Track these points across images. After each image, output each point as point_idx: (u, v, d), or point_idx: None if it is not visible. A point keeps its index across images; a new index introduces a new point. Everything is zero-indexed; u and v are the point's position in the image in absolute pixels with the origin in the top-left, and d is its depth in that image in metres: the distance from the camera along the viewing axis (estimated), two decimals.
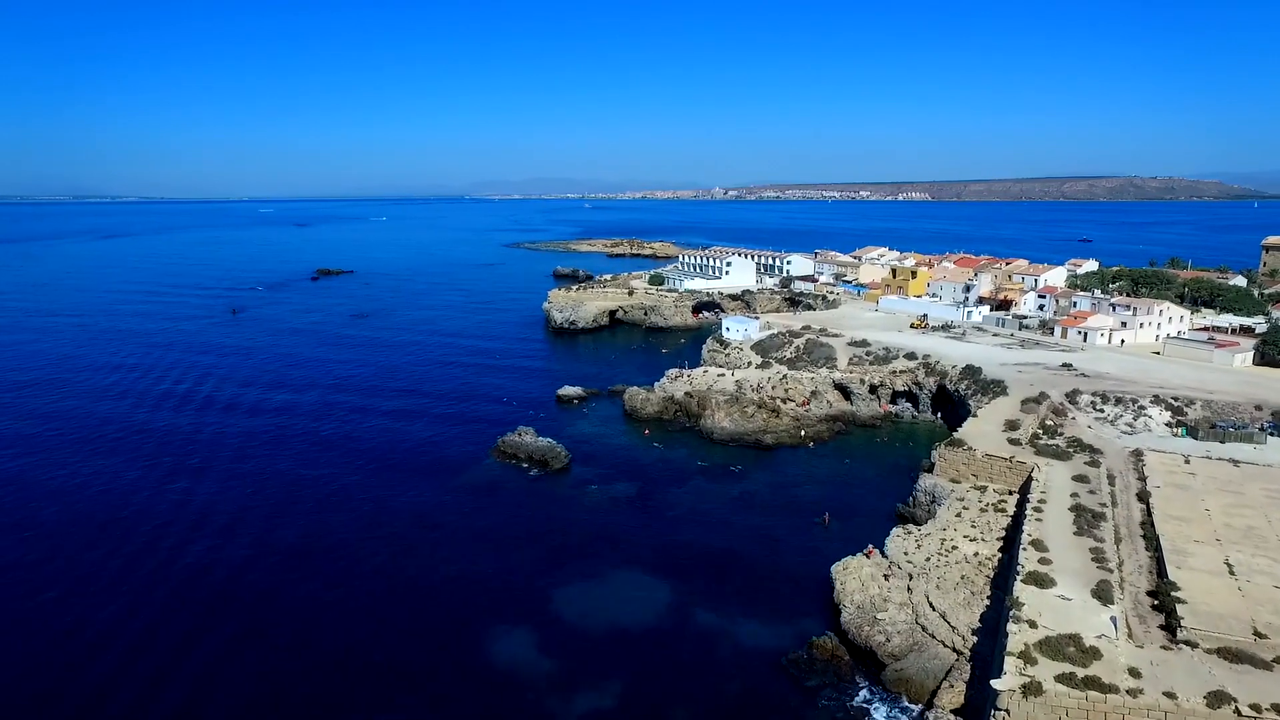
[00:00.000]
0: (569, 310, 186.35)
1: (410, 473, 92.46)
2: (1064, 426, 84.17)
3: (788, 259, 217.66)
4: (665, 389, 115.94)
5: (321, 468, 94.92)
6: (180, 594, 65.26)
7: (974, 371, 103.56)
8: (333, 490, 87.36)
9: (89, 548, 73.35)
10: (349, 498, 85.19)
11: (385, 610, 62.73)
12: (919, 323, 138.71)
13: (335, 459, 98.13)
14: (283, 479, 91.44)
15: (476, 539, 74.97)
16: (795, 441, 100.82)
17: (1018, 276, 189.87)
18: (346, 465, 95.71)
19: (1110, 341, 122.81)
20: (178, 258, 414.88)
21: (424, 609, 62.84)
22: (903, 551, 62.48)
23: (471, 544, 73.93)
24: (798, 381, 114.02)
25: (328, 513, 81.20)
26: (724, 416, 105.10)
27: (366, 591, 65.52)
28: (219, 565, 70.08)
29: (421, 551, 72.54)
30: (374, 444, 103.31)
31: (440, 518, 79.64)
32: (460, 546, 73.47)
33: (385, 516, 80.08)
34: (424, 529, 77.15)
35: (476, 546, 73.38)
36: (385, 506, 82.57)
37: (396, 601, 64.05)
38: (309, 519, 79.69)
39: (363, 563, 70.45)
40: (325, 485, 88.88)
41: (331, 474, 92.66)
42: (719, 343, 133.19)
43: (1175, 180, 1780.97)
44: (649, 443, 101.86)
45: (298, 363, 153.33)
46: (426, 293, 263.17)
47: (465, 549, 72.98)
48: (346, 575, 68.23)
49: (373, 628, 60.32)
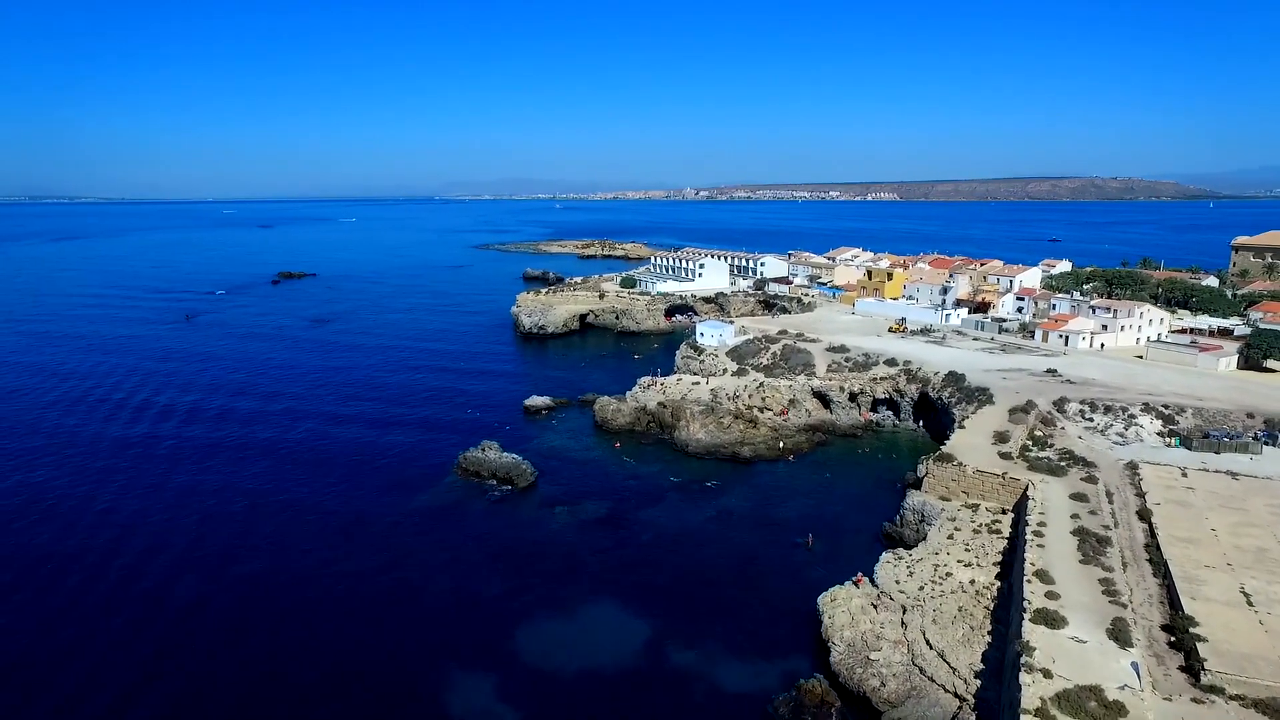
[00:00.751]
0: (538, 314, 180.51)
1: (364, 492, 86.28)
2: (1054, 437, 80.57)
3: (761, 260, 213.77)
4: (637, 398, 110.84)
5: (266, 484, 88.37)
6: (109, 610, 58.75)
7: (957, 379, 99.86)
8: (276, 510, 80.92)
9: (18, 570, 66.42)
10: (294, 519, 78.85)
11: (327, 648, 56.81)
12: (897, 326, 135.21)
13: (281, 475, 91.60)
14: (221, 495, 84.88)
15: (433, 568, 69.20)
16: (774, 454, 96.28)
17: (993, 278, 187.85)
18: (293, 482, 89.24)
19: (1091, 345, 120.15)
20: (133, 260, 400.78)
21: (370, 648, 57.02)
22: (894, 579, 57.99)
23: (427, 573, 68.14)
24: (775, 390, 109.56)
25: (269, 535, 74.84)
26: (699, 428, 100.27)
27: (306, 627, 59.51)
28: (141, 587, 63.57)
29: (371, 582, 66.62)
30: (326, 460, 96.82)
31: (395, 543, 73.72)
32: (415, 576, 67.66)
33: (333, 543, 73.95)
34: (376, 556, 71.17)
35: (433, 577, 67.61)
36: (333, 531, 76.42)
37: (340, 639, 58.16)
38: (247, 540, 73.31)
39: (305, 595, 64.36)
40: (269, 504, 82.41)
41: (276, 492, 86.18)
42: (693, 349, 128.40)
43: (1134, 181, 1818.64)
44: (620, 456, 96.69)
45: (250, 371, 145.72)
46: (391, 296, 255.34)
47: (420, 579, 67.19)
48: (286, 609, 62.13)
49: (313, 667, 54.42)
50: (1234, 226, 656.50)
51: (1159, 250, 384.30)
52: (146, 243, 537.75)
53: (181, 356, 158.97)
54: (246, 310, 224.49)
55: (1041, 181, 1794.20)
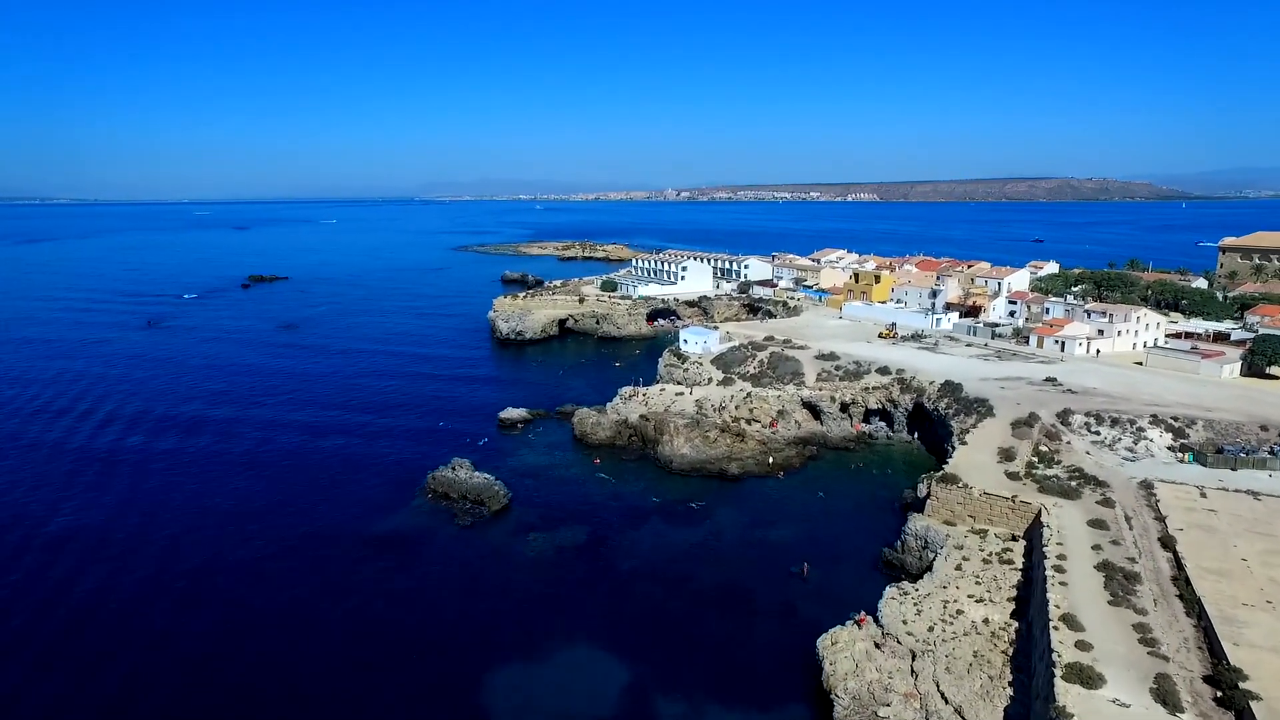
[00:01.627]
0: (515, 320, 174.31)
1: (324, 517, 79.90)
2: (1060, 453, 75.88)
3: (745, 263, 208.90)
4: (618, 410, 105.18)
5: (219, 506, 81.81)
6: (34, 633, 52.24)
7: (954, 389, 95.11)
8: (227, 537, 74.45)
9: None
10: (246, 549, 72.41)
11: (274, 692, 50.67)
12: (888, 332, 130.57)
13: (236, 497, 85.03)
14: (168, 517, 78.30)
15: (395, 604, 63.15)
16: (763, 470, 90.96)
17: (980, 280, 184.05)
18: (248, 506, 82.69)
19: (1088, 351, 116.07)
20: (100, 263, 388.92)
21: (319, 702, 50.94)
22: (900, 618, 52.76)
23: (388, 610, 62.09)
24: (763, 400, 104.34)
25: (216, 568, 68.41)
26: (684, 442, 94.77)
27: (254, 670, 53.31)
28: (64, 619, 57.04)
29: (327, 620, 60.48)
30: (285, 480, 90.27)
31: (354, 575, 67.54)
32: (375, 614, 61.58)
33: (286, 578, 67.64)
34: (333, 590, 65.00)
35: (394, 614, 61.55)
36: (289, 561, 70.09)
37: (290, 684, 52.03)
38: (191, 573, 66.82)
39: (251, 638, 58.10)
40: (219, 530, 75.91)
41: (230, 516, 79.65)
42: (676, 356, 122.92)
43: (1109, 182, 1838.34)
44: (600, 474, 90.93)
45: (210, 380, 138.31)
46: (365, 300, 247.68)
47: (380, 617, 61.12)
48: (231, 652, 55.87)
49: (260, 714, 48.38)
50: (1208, 227, 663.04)
51: (1137, 250, 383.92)
52: (115, 245, 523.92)
53: (139, 363, 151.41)
54: (213, 315, 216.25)
55: (1019, 182, 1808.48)
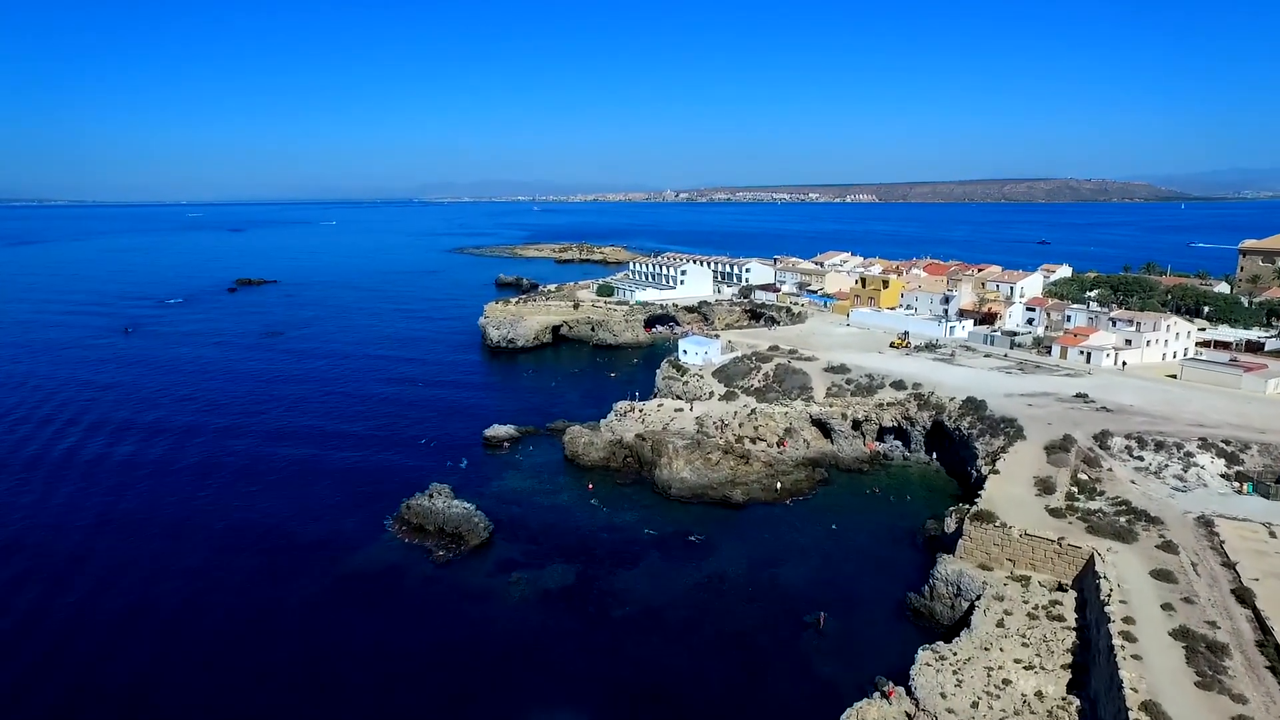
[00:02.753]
0: (507, 327, 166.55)
1: (281, 551, 72.13)
2: (1102, 482, 68.27)
3: (746, 266, 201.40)
4: (613, 429, 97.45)
5: (162, 530, 74.09)
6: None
7: (977, 406, 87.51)
8: (165, 570, 66.74)
9: None
10: (183, 585, 64.67)
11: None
12: (900, 341, 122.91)
13: (183, 521, 77.36)
14: (104, 544, 70.60)
15: (353, 663, 55.40)
16: (769, 496, 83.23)
17: (991, 284, 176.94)
18: (195, 533, 75.00)
19: (1115, 362, 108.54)
20: (87, 267, 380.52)
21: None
22: (938, 690, 45.11)
23: (345, 672, 54.35)
24: (769, 418, 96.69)
25: (147, 606, 60.67)
26: (683, 465, 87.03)
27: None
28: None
29: (273, 685, 52.72)
30: (245, 508, 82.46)
31: (310, 629, 59.78)
32: (329, 676, 53.84)
33: (226, 626, 59.86)
34: (284, 646, 57.28)
35: (349, 678, 53.81)
36: (236, 615, 62.21)
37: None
38: (119, 614, 59.07)
39: (174, 698, 50.35)
40: (156, 562, 68.24)
41: (173, 543, 72.00)
42: (675, 368, 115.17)
43: (1108, 183, 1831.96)
44: (592, 501, 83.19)
45: (180, 393, 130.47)
46: (354, 305, 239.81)
47: (334, 680, 53.38)
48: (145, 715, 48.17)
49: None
50: (1209, 228, 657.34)
51: (1135, 251, 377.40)
52: (104, 248, 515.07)
53: (108, 372, 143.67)
54: (194, 320, 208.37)
55: (1018, 183, 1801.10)
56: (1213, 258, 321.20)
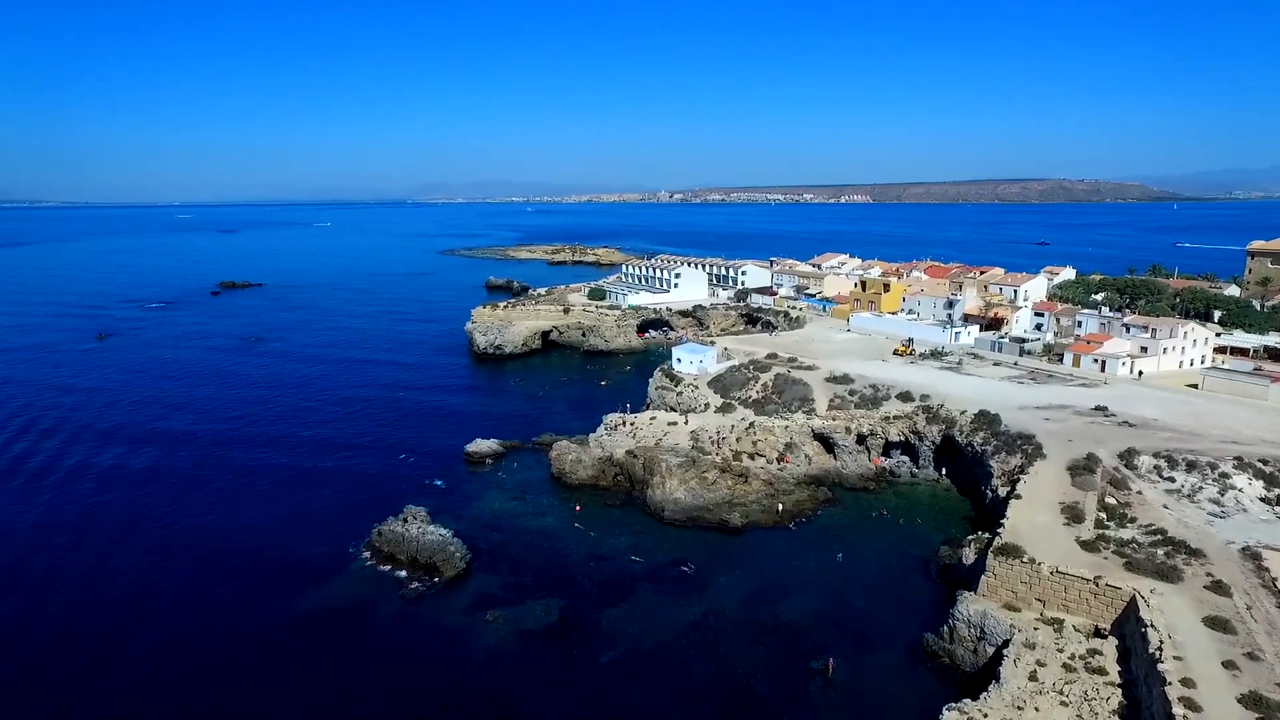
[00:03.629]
0: (494, 332, 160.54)
1: (238, 583, 66.10)
2: (1133, 507, 62.73)
3: (742, 269, 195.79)
4: (602, 444, 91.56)
5: (98, 558, 67.94)
6: None
7: (990, 420, 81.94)
8: (101, 609, 60.62)
9: None
10: (121, 627, 58.58)
11: None
12: (904, 349, 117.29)
13: (131, 546, 71.35)
14: (31, 574, 64.41)
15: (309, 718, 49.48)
16: (770, 519, 77.46)
17: (994, 287, 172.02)
18: (155, 565, 68.87)
19: (1131, 371, 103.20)
20: (69, 269, 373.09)
21: None
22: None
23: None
24: (769, 432, 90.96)
25: (76, 648, 54.62)
26: (677, 485, 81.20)
27: None
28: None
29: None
30: (206, 531, 76.42)
31: (262, 678, 53.77)
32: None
33: (180, 678, 53.82)
34: (232, 700, 51.26)
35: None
36: (185, 656, 56.21)
37: None
38: (33, 671, 52.99)
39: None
40: (92, 596, 62.06)
41: (111, 575, 65.85)
42: (669, 378, 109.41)
43: (1101, 183, 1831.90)
44: (579, 524, 77.30)
45: (145, 403, 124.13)
46: (340, 309, 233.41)
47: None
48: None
49: None
50: (1204, 228, 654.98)
51: (1127, 252, 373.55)
52: (91, 250, 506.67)
53: (71, 383, 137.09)
54: (172, 326, 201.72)
55: (1011, 184, 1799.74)
56: (1200, 257, 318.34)
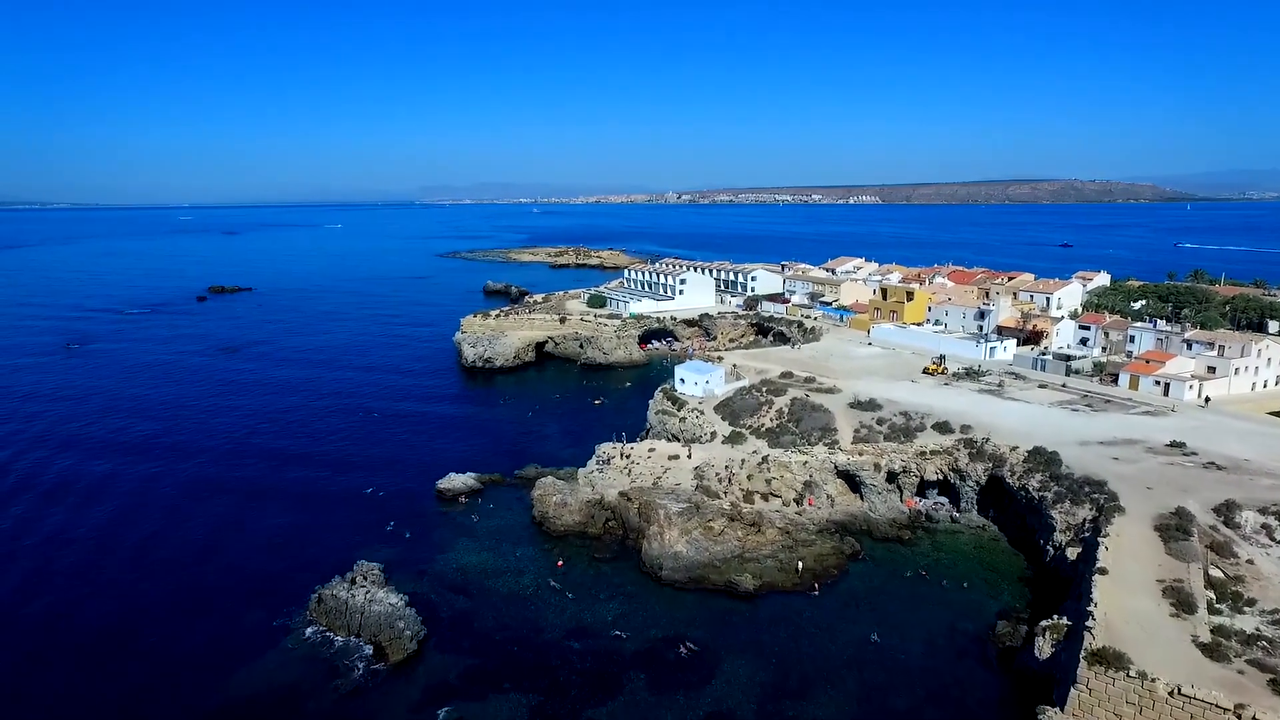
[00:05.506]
0: (484, 344, 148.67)
1: (144, 669, 54.16)
2: (1247, 583, 50.24)
3: (752, 274, 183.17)
4: (592, 482, 79.38)
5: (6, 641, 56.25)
6: None
7: (1048, 460, 69.44)
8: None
9: None
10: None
11: None
12: (935, 367, 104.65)
13: (26, 631, 59.39)
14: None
15: None
16: (788, 581, 65.06)
17: (1024, 294, 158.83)
18: (41, 644, 57.03)
19: (1199, 396, 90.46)
20: (56, 273, 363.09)
21: None
22: None
23: None
24: (785, 468, 78.60)
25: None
26: (678, 536, 68.92)
27: None
28: None
29: None
30: (112, 593, 64.52)
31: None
32: None
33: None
34: None
35: None
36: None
37: None
38: None
39: None
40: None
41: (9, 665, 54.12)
42: (671, 400, 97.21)
43: (1113, 184, 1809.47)
44: (560, 584, 65.10)
45: (87, 423, 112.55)
46: (329, 315, 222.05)
47: None
48: None
49: None
50: (1224, 230, 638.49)
51: (1141, 254, 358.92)
52: (83, 252, 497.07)
53: (23, 398, 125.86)
54: (147, 335, 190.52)
55: (1021, 184, 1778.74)
56: (1204, 259, 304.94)
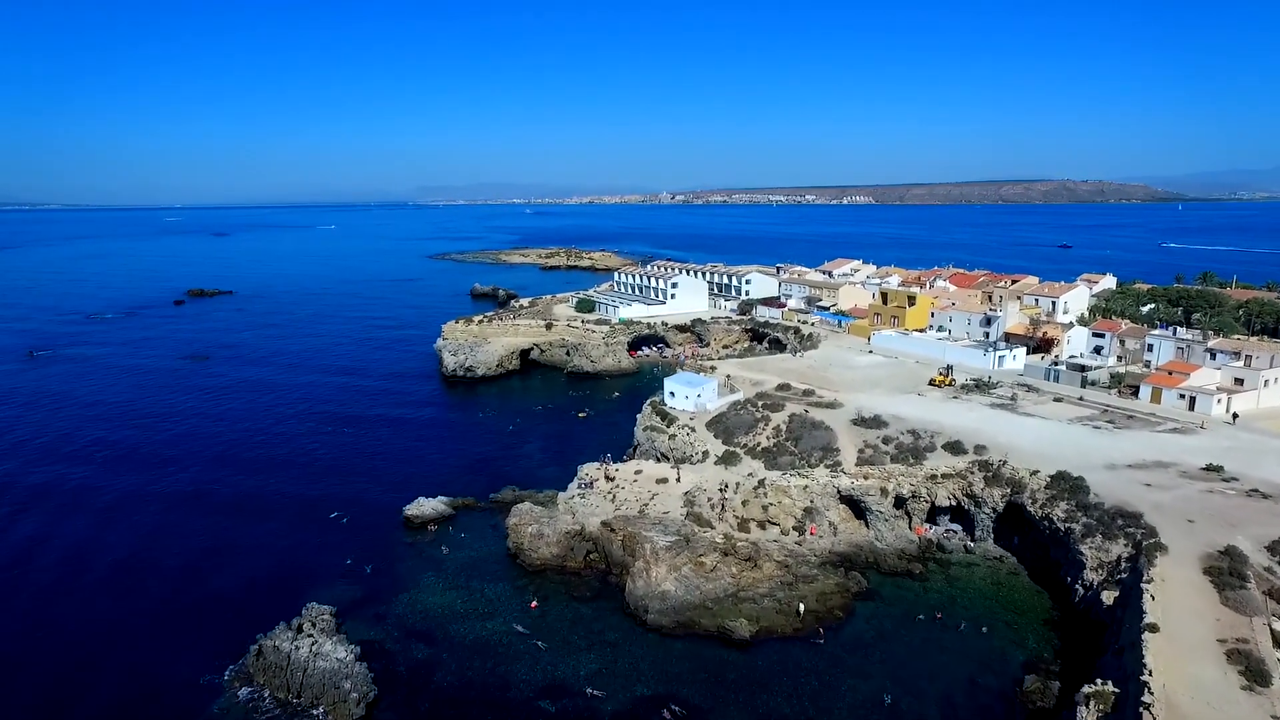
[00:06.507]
0: (466, 352, 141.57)
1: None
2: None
3: (746, 277, 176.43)
4: (573, 509, 72.41)
5: None
6: None
7: (1073, 486, 62.87)
8: None
9: None
10: None
11: None
12: (942, 379, 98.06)
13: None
14: None
15: None
16: (788, 624, 58.23)
17: (1029, 298, 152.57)
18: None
19: (1226, 410, 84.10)
20: (31, 275, 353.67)
21: None
22: None
23: None
24: (783, 493, 71.86)
25: None
26: (666, 573, 62.06)
27: None
28: None
29: None
30: (13, 638, 57.40)
31: None
32: None
33: None
34: None
35: None
36: None
37: None
38: None
39: None
40: None
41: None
42: (660, 415, 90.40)
43: (1105, 184, 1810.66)
44: (518, 626, 58.14)
45: (39, 438, 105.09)
46: (309, 321, 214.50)
47: None
48: None
49: None
50: (1216, 230, 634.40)
51: (1149, 255, 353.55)
52: (63, 255, 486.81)
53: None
54: (117, 341, 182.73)
55: (1014, 185, 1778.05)
56: (1190, 258, 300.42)
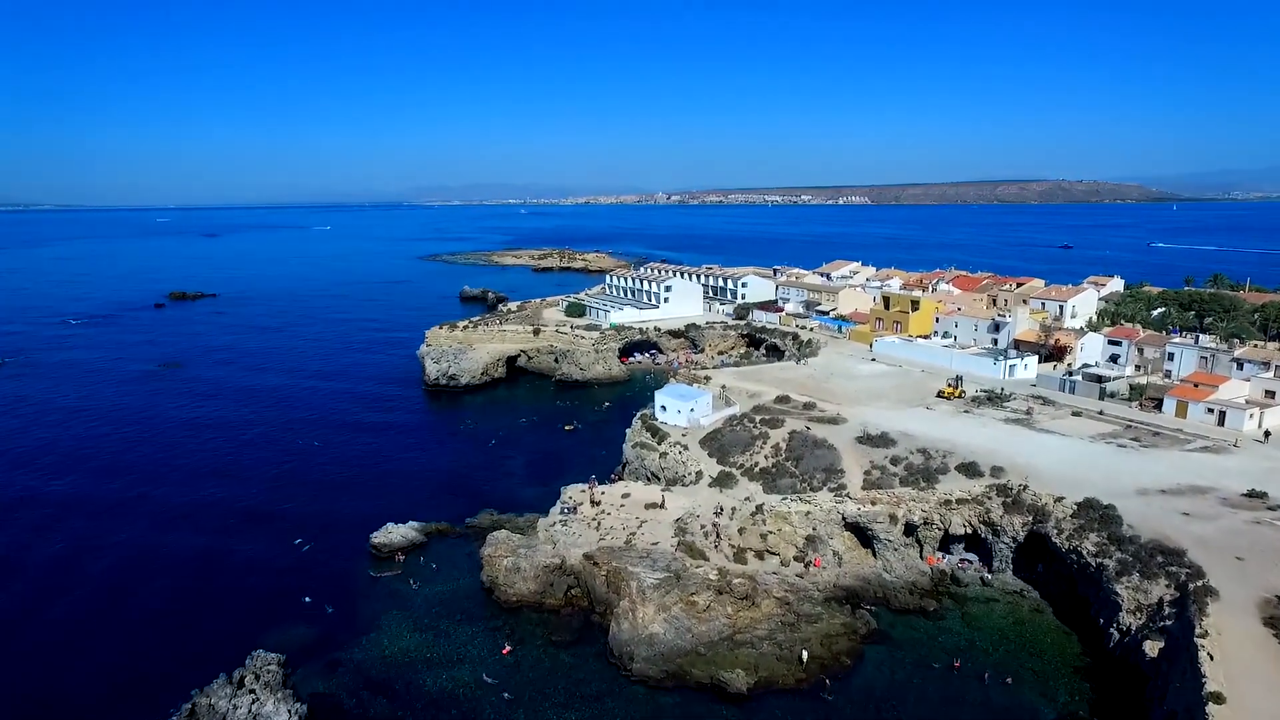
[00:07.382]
0: (449, 359, 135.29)
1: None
2: None
3: (742, 280, 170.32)
4: (554, 538, 66.25)
5: None
6: None
7: (1104, 516, 56.96)
8: None
9: None
10: None
11: None
12: (951, 390, 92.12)
13: None
14: None
15: None
16: (790, 674, 52.16)
17: (1035, 301, 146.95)
18: None
19: (1258, 426, 78.33)
20: (7, 278, 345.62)
21: None
22: None
23: None
24: (783, 519, 65.83)
25: None
26: (654, 613, 55.95)
27: None
28: None
29: None
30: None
31: None
32: None
33: None
34: None
35: None
36: None
37: None
38: None
39: None
40: None
41: None
42: (650, 431, 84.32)
43: (1100, 184, 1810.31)
44: (489, 678, 52.04)
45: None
46: (291, 325, 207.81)
47: None
48: None
49: None
50: (1213, 229, 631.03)
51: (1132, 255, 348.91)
52: (44, 257, 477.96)
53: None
54: (91, 347, 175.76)
55: (1010, 185, 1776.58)
56: (1180, 258, 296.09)
